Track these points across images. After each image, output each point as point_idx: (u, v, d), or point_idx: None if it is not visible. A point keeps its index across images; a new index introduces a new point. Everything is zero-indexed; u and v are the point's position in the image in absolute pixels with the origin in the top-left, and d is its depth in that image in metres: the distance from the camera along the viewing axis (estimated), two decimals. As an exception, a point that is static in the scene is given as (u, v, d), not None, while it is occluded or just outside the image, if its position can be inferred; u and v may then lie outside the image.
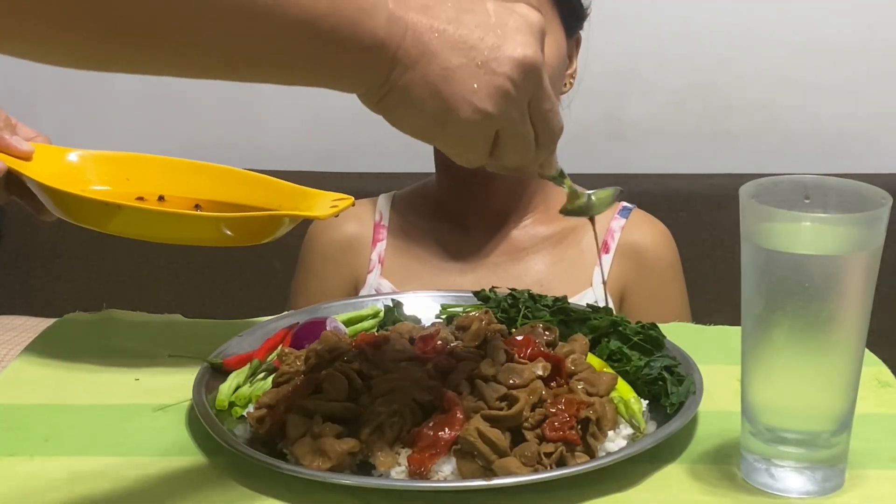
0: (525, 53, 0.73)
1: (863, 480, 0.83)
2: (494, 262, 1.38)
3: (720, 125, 2.18)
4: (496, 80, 0.72)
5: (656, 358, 0.96)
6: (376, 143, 2.18)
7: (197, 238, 0.95)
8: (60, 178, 0.96)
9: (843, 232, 0.78)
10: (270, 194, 1.01)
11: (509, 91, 0.73)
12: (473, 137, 0.75)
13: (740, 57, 2.14)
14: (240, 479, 0.83)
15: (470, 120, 0.73)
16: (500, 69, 0.72)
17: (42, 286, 2.14)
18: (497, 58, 0.72)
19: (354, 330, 1.05)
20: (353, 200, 0.97)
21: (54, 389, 0.99)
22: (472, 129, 0.74)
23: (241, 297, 2.10)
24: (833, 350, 0.79)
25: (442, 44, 0.71)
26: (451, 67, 0.71)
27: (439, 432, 0.81)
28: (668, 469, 0.85)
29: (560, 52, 1.33)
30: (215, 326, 1.13)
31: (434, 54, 0.71)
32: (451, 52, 0.71)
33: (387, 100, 0.72)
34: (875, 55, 2.13)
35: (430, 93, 0.71)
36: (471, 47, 0.71)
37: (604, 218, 1.41)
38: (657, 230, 1.45)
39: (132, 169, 1.04)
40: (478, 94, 0.72)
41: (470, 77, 0.71)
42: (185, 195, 1.02)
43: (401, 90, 0.71)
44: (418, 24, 0.70)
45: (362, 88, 0.72)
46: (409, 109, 0.72)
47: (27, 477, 0.84)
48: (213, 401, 0.92)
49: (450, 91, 0.71)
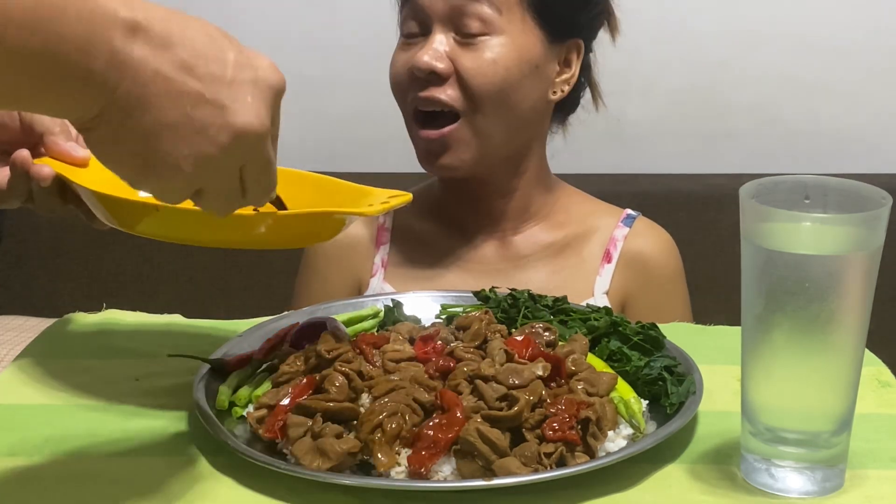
0: (247, 122, 0.69)
1: (863, 480, 0.83)
2: (496, 268, 1.38)
3: (720, 125, 2.18)
4: (206, 148, 0.68)
5: (656, 358, 0.96)
6: (376, 143, 2.18)
7: (253, 240, 0.91)
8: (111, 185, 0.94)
9: (843, 232, 0.78)
10: (329, 196, 0.97)
11: (217, 158, 0.69)
12: (170, 190, 0.71)
13: (740, 57, 2.14)
14: (240, 479, 0.83)
15: (168, 177, 0.69)
16: (216, 138, 0.68)
17: (42, 286, 2.14)
18: (216, 124, 0.68)
19: (354, 330, 1.05)
20: (410, 197, 0.94)
21: (54, 389, 0.99)
22: (170, 185, 0.70)
23: (241, 297, 2.10)
24: (833, 350, 0.79)
25: (163, 95, 0.66)
26: (164, 123, 0.66)
27: (439, 432, 0.81)
28: (668, 469, 0.85)
29: (521, 55, 1.30)
30: (215, 326, 1.13)
31: (150, 107, 0.66)
32: (170, 106, 0.66)
33: (92, 135, 0.68)
34: (875, 55, 2.13)
35: (137, 143, 0.67)
36: (193, 105, 0.67)
37: (607, 226, 1.41)
38: (661, 239, 1.44)
39: None
40: (184, 158, 0.68)
41: (182, 139, 0.67)
42: None
43: (109, 131, 0.66)
44: (143, 66, 0.65)
45: (70, 117, 0.67)
46: (112, 151, 0.69)
47: (27, 477, 0.84)
48: (213, 401, 0.92)
49: (155, 147, 0.67)
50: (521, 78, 1.30)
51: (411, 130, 1.34)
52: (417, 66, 1.28)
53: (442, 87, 1.29)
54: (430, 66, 1.28)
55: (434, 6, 1.29)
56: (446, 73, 1.28)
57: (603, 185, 1.67)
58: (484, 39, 1.28)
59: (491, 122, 1.30)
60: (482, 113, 1.29)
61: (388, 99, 1.36)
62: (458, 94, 1.29)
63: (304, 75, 2.20)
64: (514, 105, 1.31)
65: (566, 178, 1.59)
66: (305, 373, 0.90)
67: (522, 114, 1.33)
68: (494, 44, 1.29)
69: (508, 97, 1.30)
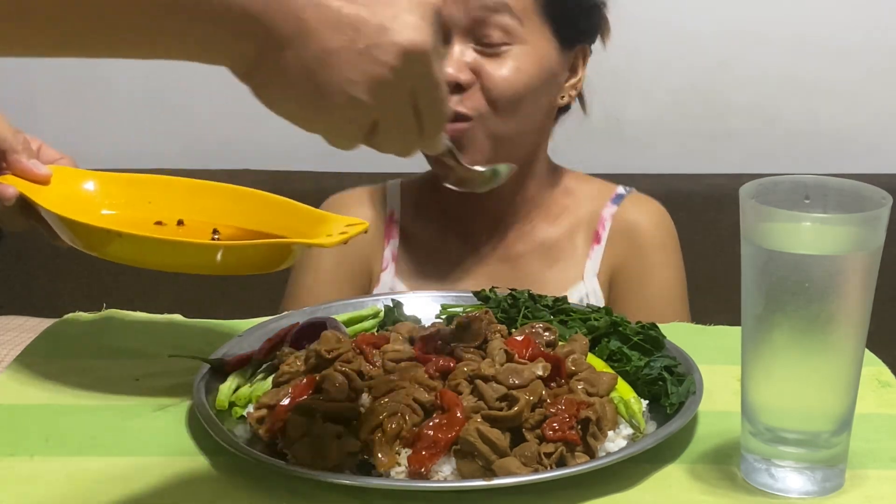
0: (412, 39, 0.66)
1: (863, 480, 0.83)
2: (496, 269, 1.38)
3: (720, 125, 2.18)
4: (377, 70, 0.66)
5: (656, 358, 0.96)
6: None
7: (202, 266, 0.92)
8: (71, 203, 0.92)
9: (843, 232, 0.78)
10: (288, 219, 0.98)
11: (390, 81, 0.66)
12: (346, 126, 0.69)
13: (740, 57, 2.14)
14: (240, 479, 0.83)
15: (344, 108, 0.66)
16: (382, 57, 0.65)
17: (42, 286, 2.14)
18: (380, 44, 0.65)
19: (354, 330, 1.05)
20: (367, 226, 0.93)
21: (54, 389, 0.99)
22: (346, 118, 0.68)
23: (241, 297, 2.09)
24: (833, 350, 0.79)
25: (321, 21, 0.64)
26: (328, 50, 0.64)
27: (439, 432, 0.81)
28: (668, 469, 0.85)
29: (542, 63, 1.31)
30: (215, 326, 1.13)
31: (311, 34, 0.64)
32: (331, 33, 0.64)
33: (255, 76, 0.66)
34: (875, 55, 2.13)
35: (304, 76, 0.65)
36: (354, 28, 0.65)
37: (595, 207, 1.42)
38: (651, 209, 1.45)
39: (154, 192, 1.02)
40: (355, 84, 0.65)
41: (348, 63, 0.65)
42: (204, 220, 1.00)
43: (271, 69, 0.65)
44: None
45: (228, 62, 0.65)
46: (279, 91, 0.66)
47: (27, 477, 0.84)
48: (213, 401, 0.92)
49: (324, 77, 0.65)
50: (540, 85, 1.32)
51: None
52: None
53: (462, 97, 1.28)
54: (455, 78, 1.27)
55: (454, 17, 1.28)
56: (469, 84, 1.28)
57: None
58: (506, 49, 1.29)
59: (503, 125, 1.30)
60: (497, 116, 1.29)
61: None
62: (479, 103, 1.29)
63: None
64: (529, 112, 1.32)
65: (566, 178, 1.59)
66: (305, 373, 0.90)
67: (534, 120, 1.35)
68: (517, 53, 1.29)
69: (525, 104, 1.31)
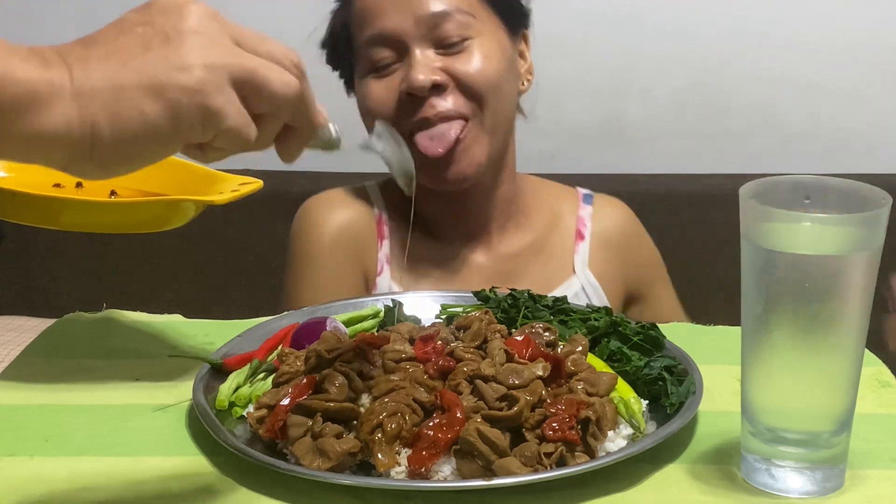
0: None
1: (863, 480, 0.83)
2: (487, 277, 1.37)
3: (720, 125, 2.18)
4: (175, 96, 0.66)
5: (656, 358, 0.96)
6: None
7: (98, 224, 0.95)
8: None
9: (843, 232, 0.78)
10: (184, 180, 1.00)
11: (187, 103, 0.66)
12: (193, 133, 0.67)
13: (740, 57, 2.14)
14: (240, 479, 0.83)
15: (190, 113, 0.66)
16: None
17: (42, 286, 2.14)
18: None
19: (354, 330, 1.05)
20: (261, 184, 0.96)
21: (54, 389, 0.99)
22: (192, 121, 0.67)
23: (241, 297, 2.10)
24: (833, 350, 0.79)
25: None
26: None
27: (439, 432, 0.81)
28: (668, 469, 0.85)
29: (502, 49, 1.33)
30: (215, 326, 1.13)
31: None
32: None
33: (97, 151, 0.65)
34: (875, 55, 2.13)
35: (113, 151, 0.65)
36: None
37: (571, 208, 1.47)
38: (624, 214, 1.51)
39: None
40: None
41: None
42: (103, 183, 1.00)
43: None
44: None
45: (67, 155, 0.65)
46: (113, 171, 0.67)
47: (27, 477, 0.84)
48: (213, 401, 0.92)
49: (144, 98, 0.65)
50: (506, 72, 1.33)
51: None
52: (416, 86, 1.27)
53: (443, 98, 1.29)
54: (430, 81, 1.27)
55: (405, 28, 1.29)
56: (446, 84, 1.29)
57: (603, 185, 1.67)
58: (468, 43, 1.30)
59: (495, 118, 1.32)
60: (488, 109, 1.30)
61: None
62: (461, 100, 1.29)
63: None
64: (507, 99, 1.34)
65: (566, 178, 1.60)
66: (305, 373, 0.90)
67: (510, 109, 1.37)
68: (479, 43, 1.31)
69: (502, 91, 1.32)
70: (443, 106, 1.28)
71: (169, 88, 0.65)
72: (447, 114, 1.29)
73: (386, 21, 1.30)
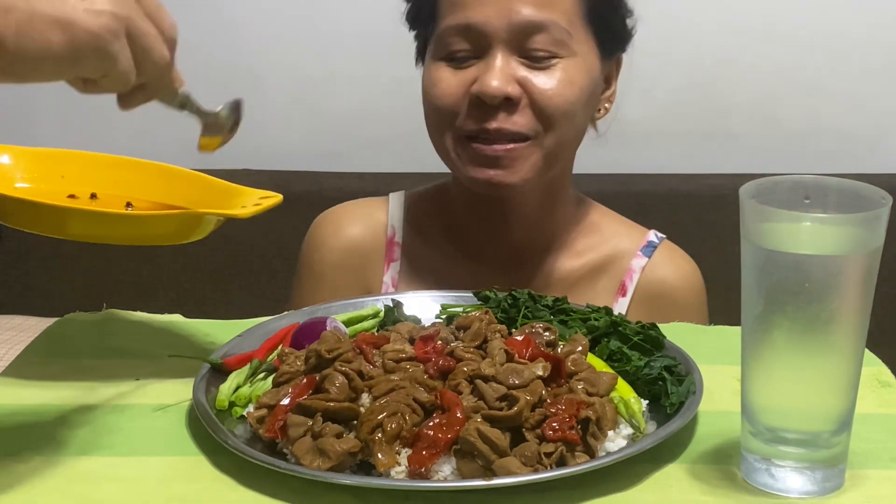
0: None
1: (863, 480, 0.83)
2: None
3: (720, 125, 2.18)
4: None
5: (656, 358, 0.96)
6: (376, 143, 2.19)
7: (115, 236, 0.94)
8: None
9: (843, 232, 0.78)
10: (202, 192, 1.00)
11: None
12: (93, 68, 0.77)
13: (740, 57, 2.14)
14: (240, 479, 0.83)
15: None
16: None
17: (42, 286, 2.14)
18: None
19: (354, 330, 1.05)
20: (280, 198, 0.97)
21: (54, 389, 0.99)
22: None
23: (241, 297, 2.10)
24: (833, 350, 0.79)
25: None
26: None
27: (439, 432, 0.82)
28: (668, 469, 0.85)
29: (590, 75, 1.24)
30: (215, 326, 1.13)
31: None
32: None
33: None
34: (875, 55, 2.13)
35: None
36: None
37: (625, 255, 1.35)
38: (683, 267, 1.36)
39: (66, 166, 1.04)
40: None
41: None
42: (118, 193, 1.01)
43: None
44: None
45: None
46: None
47: (27, 477, 0.84)
48: (213, 401, 0.92)
49: None
50: (585, 102, 1.24)
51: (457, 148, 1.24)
52: (487, 92, 1.18)
53: (511, 113, 1.20)
54: (503, 92, 1.18)
55: (495, 28, 1.19)
56: (518, 98, 1.20)
57: (603, 185, 1.67)
58: (556, 61, 1.21)
59: (558, 142, 1.23)
60: (553, 133, 1.22)
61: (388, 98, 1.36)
62: (529, 119, 1.20)
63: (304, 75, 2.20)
64: (576, 128, 1.26)
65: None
66: (305, 373, 0.90)
67: (578, 137, 1.28)
68: (567, 65, 1.21)
69: (576, 117, 1.24)
70: (506, 126, 1.20)
71: (77, 26, 0.74)
72: (509, 134, 1.20)
73: (478, 14, 1.20)
